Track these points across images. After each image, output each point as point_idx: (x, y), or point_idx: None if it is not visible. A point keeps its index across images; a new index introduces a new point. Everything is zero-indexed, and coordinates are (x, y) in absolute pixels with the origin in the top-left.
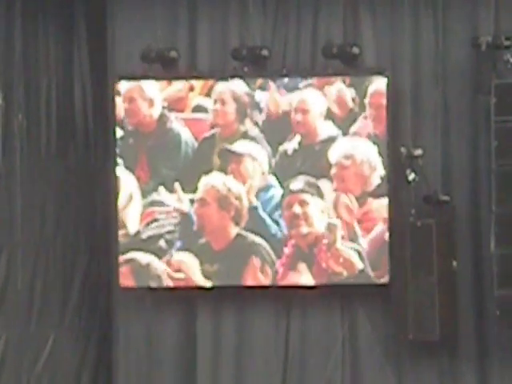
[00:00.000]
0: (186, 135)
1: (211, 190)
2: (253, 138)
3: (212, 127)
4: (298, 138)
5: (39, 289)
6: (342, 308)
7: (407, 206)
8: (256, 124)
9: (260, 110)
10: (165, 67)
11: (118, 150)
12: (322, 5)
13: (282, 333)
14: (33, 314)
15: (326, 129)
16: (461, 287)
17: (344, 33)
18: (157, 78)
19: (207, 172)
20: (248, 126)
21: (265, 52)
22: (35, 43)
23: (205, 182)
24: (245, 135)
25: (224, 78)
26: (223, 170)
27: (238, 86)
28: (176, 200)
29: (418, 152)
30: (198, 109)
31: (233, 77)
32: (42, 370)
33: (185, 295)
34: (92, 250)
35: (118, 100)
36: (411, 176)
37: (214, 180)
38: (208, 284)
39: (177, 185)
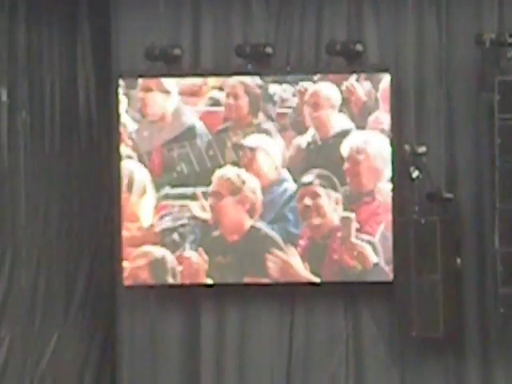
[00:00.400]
0: (200, 128)
1: (226, 183)
2: (266, 132)
3: (225, 120)
4: (311, 131)
5: (43, 288)
6: (346, 305)
7: (411, 203)
8: (269, 117)
9: (274, 103)
10: (168, 65)
11: (131, 143)
12: (325, 2)
13: (286, 330)
14: (36, 313)
15: (339, 122)
16: (465, 284)
17: (348, 30)
18: (160, 76)
19: (222, 165)
20: (261, 119)
21: (268, 49)
22: (39, 40)
23: (219, 174)
24: (258, 128)
25: (228, 75)
26: (237, 163)
27: (251, 78)
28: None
29: (422, 149)
30: (212, 102)
31: (236, 74)
32: (46, 369)
33: (188, 292)
34: (96, 249)
35: (134, 94)
36: (415, 173)
37: (228, 173)
38: (218, 279)
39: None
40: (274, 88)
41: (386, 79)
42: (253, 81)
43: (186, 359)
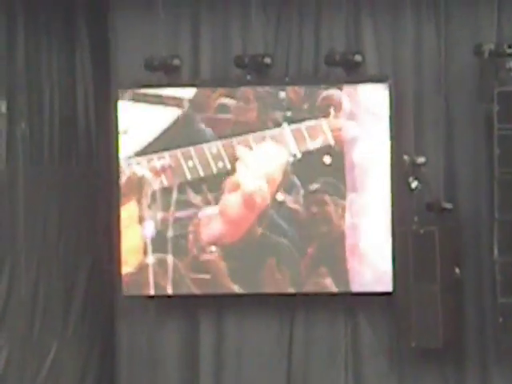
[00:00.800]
0: (210, 135)
1: (236, 189)
2: (276, 138)
3: (235, 127)
4: (321, 137)
5: (42, 297)
6: (345, 315)
7: (410, 213)
8: (278, 124)
9: (283, 109)
10: (168, 75)
11: (136, 152)
12: (324, 13)
13: (286, 340)
14: (35, 322)
15: (349, 129)
16: (464, 294)
17: (346, 41)
18: (160, 86)
19: (231, 171)
20: (270, 125)
21: (267, 60)
22: (38, 52)
23: (229, 181)
24: (268, 134)
25: (227, 86)
26: (246, 169)
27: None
28: (200, 200)
29: (421, 160)
30: (222, 109)
31: (236, 84)
32: (45, 379)
33: (187, 302)
34: (95, 258)
35: (135, 103)
36: (414, 184)
37: (238, 179)
38: (235, 288)
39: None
40: (283, 94)
41: (384, 89)
42: (264, 87)
43: (184, 369)
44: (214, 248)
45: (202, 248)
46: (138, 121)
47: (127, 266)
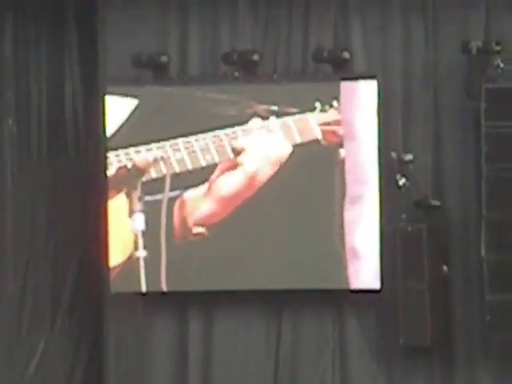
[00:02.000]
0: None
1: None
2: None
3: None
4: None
5: (30, 293)
6: (333, 313)
7: (398, 210)
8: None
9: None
10: (155, 72)
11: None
12: (312, 10)
13: (273, 337)
14: (24, 319)
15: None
16: (451, 292)
17: (334, 37)
18: (147, 83)
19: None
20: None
21: (255, 57)
22: (26, 48)
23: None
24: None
25: (215, 83)
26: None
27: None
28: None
29: (409, 157)
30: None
31: (223, 81)
32: (33, 376)
33: (176, 298)
34: (83, 255)
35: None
36: (402, 181)
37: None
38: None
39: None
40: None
41: (372, 86)
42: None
43: (173, 365)
44: (201, 229)
45: (189, 230)
46: (125, 112)
47: (116, 263)
